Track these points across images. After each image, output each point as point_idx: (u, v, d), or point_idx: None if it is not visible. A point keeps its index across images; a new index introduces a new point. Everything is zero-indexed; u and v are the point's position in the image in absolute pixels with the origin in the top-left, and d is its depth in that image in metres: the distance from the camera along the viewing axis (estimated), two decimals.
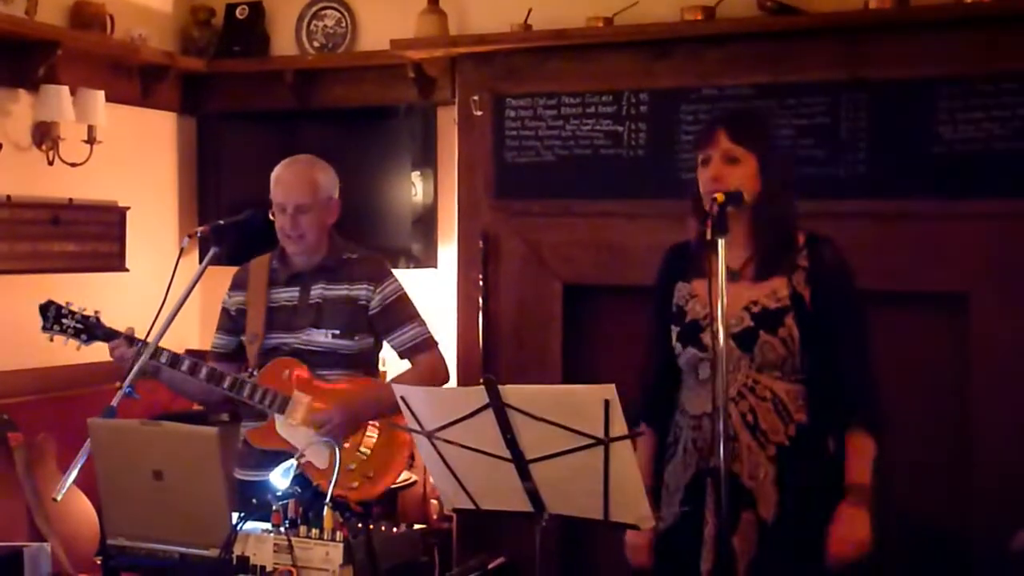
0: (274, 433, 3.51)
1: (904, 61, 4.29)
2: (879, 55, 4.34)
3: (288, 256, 3.67)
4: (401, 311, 3.64)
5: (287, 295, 3.64)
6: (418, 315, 3.68)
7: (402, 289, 3.67)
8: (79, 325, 3.52)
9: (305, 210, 3.56)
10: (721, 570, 2.74)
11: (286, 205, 3.57)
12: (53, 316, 3.53)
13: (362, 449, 3.53)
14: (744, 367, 2.83)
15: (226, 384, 3.51)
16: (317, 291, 3.61)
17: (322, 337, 3.56)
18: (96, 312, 3.55)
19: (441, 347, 3.77)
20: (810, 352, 2.83)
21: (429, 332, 3.69)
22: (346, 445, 3.48)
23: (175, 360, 3.50)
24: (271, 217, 3.62)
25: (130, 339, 3.48)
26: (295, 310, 3.62)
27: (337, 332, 3.56)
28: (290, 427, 3.50)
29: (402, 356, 3.69)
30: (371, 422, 3.54)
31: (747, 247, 2.89)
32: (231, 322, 3.73)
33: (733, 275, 2.85)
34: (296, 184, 3.60)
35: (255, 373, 3.57)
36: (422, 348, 3.65)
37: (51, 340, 3.56)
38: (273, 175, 3.66)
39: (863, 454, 2.82)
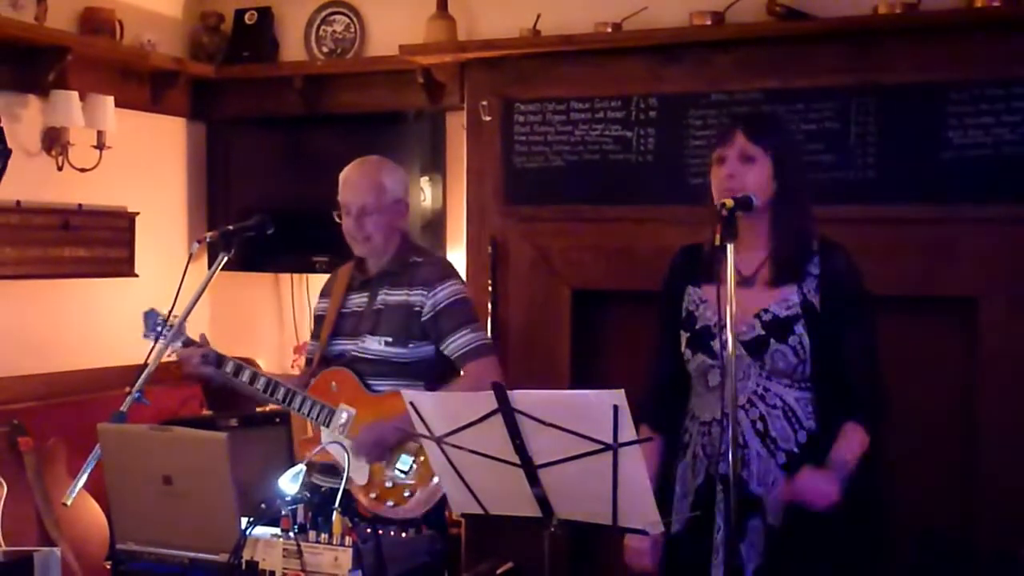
0: (319, 445, 3.47)
1: (913, 66, 4.29)
2: (888, 60, 4.34)
3: (364, 261, 3.63)
4: (453, 317, 3.48)
5: (358, 300, 3.61)
6: (474, 320, 3.53)
7: (459, 294, 3.53)
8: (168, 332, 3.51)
9: (370, 211, 3.52)
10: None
11: (351, 207, 3.54)
12: (152, 324, 3.57)
13: (399, 466, 3.43)
14: (754, 375, 2.83)
15: (280, 395, 3.50)
16: (381, 296, 3.56)
17: (376, 344, 3.50)
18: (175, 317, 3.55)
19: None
20: (820, 359, 2.82)
21: (485, 339, 3.53)
22: (383, 461, 3.43)
23: (238, 370, 3.50)
24: (336, 219, 3.59)
25: (203, 350, 3.51)
26: (361, 316, 3.58)
27: (390, 339, 3.48)
28: (335, 440, 3.45)
29: (457, 365, 3.51)
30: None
31: (762, 252, 2.88)
32: (317, 328, 3.72)
33: (746, 281, 2.85)
34: (361, 185, 3.56)
35: (311, 381, 3.56)
36: (472, 356, 3.47)
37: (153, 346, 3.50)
38: (341, 176, 3.61)
39: (852, 439, 2.78)
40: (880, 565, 2.81)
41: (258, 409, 4.78)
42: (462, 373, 3.52)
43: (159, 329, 3.53)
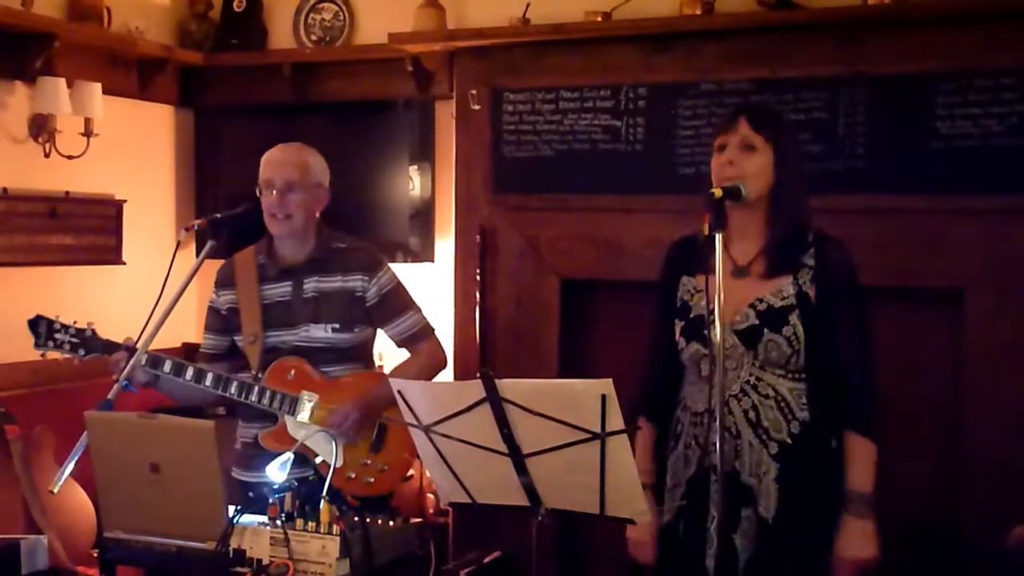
0: (286, 435, 3.47)
1: (903, 57, 4.29)
2: (878, 50, 4.34)
3: (275, 250, 3.61)
4: (398, 300, 3.61)
5: (280, 291, 3.59)
6: (414, 303, 3.66)
7: (397, 278, 3.64)
8: (75, 339, 3.43)
9: (294, 188, 3.52)
10: (724, 567, 2.74)
11: (274, 181, 3.52)
12: (45, 332, 3.43)
13: (375, 441, 3.51)
14: (747, 364, 2.82)
15: (233, 389, 3.46)
16: (311, 284, 3.56)
17: (321, 332, 3.52)
18: (90, 324, 3.46)
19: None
20: (813, 350, 2.82)
21: (426, 319, 3.67)
22: (359, 440, 3.47)
23: (179, 369, 3.45)
24: (259, 196, 3.57)
25: (129, 350, 3.37)
26: (289, 306, 3.57)
27: (337, 326, 3.52)
28: (301, 427, 3.46)
29: (400, 345, 3.67)
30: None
31: (758, 243, 2.88)
32: (222, 322, 3.66)
33: (741, 271, 2.86)
34: (286, 162, 3.56)
35: (260, 375, 3.53)
36: (421, 336, 3.64)
37: (43, 356, 3.44)
38: (264, 158, 3.62)
39: (864, 459, 2.81)
40: (874, 569, 2.81)
41: None
42: (410, 353, 3.67)
43: (57, 337, 3.41)
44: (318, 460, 3.41)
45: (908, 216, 4.30)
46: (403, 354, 3.73)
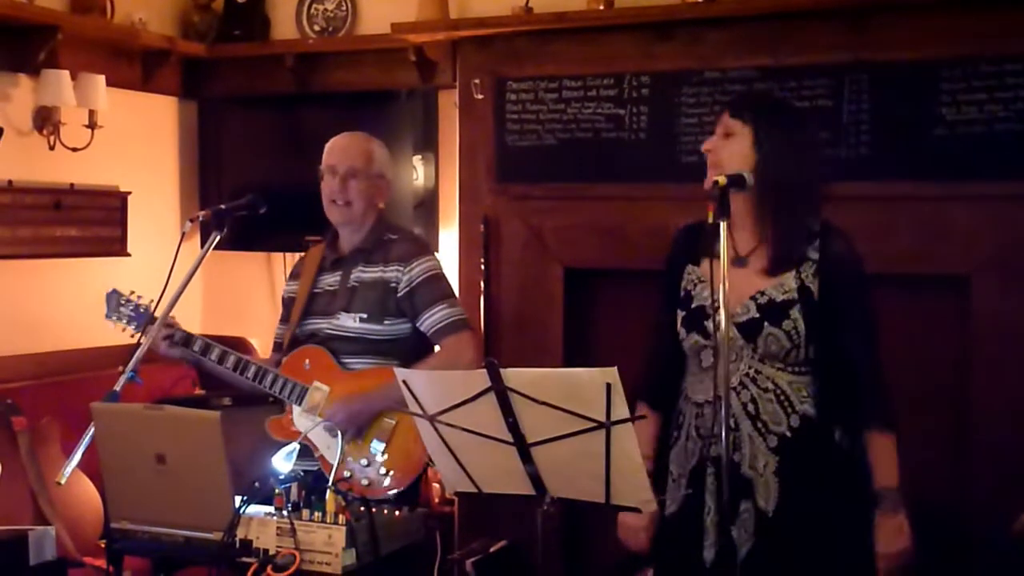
0: (289, 424, 3.48)
1: (907, 43, 4.28)
2: (881, 37, 4.32)
3: (338, 240, 3.63)
4: (429, 292, 3.50)
5: (330, 280, 3.60)
6: (450, 296, 3.56)
7: (434, 270, 3.54)
8: (131, 314, 3.56)
9: (356, 175, 3.53)
10: (722, 559, 2.74)
11: (337, 167, 3.54)
12: (115, 304, 3.59)
13: (376, 444, 3.42)
14: (747, 357, 2.81)
15: (250, 374, 3.47)
16: (355, 274, 3.55)
17: (351, 321, 3.50)
18: (151, 302, 3.55)
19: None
20: (816, 344, 2.80)
21: (459, 314, 3.53)
22: (359, 439, 3.42)
23: (205, 349, 3.48)
24: (320, 181, 3.58)
25: (168, 331, 3.48)
26: (333, 294, 3.57)
27: (364, 316, 3.49)
28: (306, 418, 3.45)
29: (433, 340, 3.53)
30: (388, 416, 3.42)
31: (754, 231, 2.86)
32: (285, 311, 3.71)
33: (741, 261, 2.85)
34: (351, 149, 3.58)
35: (283, 361, 3.54)
36: (449, 330, 3.49)
37: (113, 327, 3.62)
38: (329, 144, 3.63)
39: (887, 455, 2.80)
40: (872, 542, 2.81)
41: None
42: (437, 348, 3.54)
43: (122, 310, 3.57)
44: (318, 453, 3.41)
45: (912, 203, 4.30)
46: None
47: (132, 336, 3.57)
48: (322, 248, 3.69)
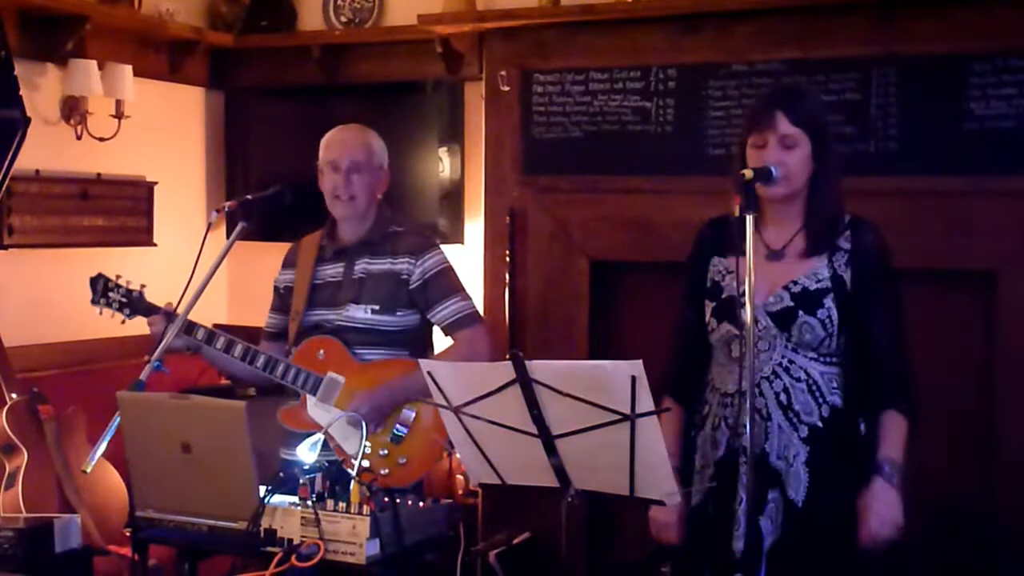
0: (304, 414, 3.47)
1: (936, 36, 4.25)
2: (910, 30, 4.30)
3: (337, 231, 3.62)
4: (442, 285, 3.52)
5: (332, 271, 3.60)
6: (461, 290, 3.57)
7: (445, 263, 3.57)
8: (123, 299, 3.54)
9: (359, 169, 3.53)
10: (749, 549, 2.73)
11: (340, 162, 3.53)
12: (101, 289, 3.58)
13: (396, 433, 3.42)
14: (780, 346, 2.81)
15: (260, 363, 3.46)
16: (361, 266, 3.55)
17: (361, 313, 3.50)
18: (141, 287, 3.56)
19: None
20: (846, 334, 2.81)
21: (472, 307, 3.56)
22: (379, 429, 3.41)
23: (210, 337, 3.48)
24: (319, 178, 3.58)
25: (168, 315, 3.45)
26: (338, 286, 3.56)
27: (376, 308, 3.49)
28: (321, 409, 3.45)
29: (445, 333, 3.56)
30: (407, 407, 3.42)
31: (794, 228, 2.86)
32: (280, 301, 3.70)
33: (775, 255, 2.85)
34: (352, 143, 3.58)
35: (292, 351, 3.53)
36: (462, 324, 3.51)
37: (100, 313, 3.59)
38: (325, 139, 3.63)
39: (896, 432, 2.79)
40: (898, 540, 2.79)
41: None
42: (451, 341, 3.56)
43: (110, 295, 3.55)
44: (334, 444, 3.40)
45: (940, 198, 4.27)
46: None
47: (123, 322, 3.55)
48: (317, 237, 3.67)
